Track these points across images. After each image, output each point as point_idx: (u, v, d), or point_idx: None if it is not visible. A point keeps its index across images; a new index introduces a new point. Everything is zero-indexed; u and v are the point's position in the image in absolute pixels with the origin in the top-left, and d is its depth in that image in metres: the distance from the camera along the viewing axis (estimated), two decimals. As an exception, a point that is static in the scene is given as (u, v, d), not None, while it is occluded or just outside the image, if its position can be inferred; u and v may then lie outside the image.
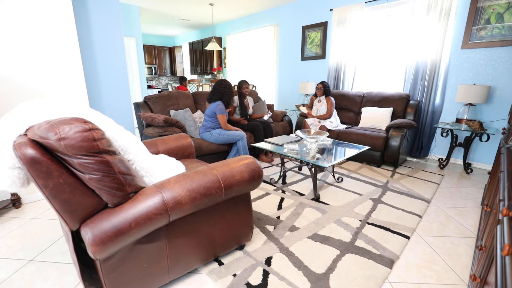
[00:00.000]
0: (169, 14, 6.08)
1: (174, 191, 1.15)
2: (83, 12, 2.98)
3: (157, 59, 8.62)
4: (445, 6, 3.21)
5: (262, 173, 1.47)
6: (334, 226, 1.95)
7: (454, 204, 2.33)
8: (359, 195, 2.48)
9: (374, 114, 3.67)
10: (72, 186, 0.98)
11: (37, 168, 0.91)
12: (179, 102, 3.39)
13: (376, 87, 4.24)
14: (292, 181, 2.83)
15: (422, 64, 3.52)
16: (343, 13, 4.21)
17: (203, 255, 1.44)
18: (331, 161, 2.32)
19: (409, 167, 3.34)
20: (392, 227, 1.94)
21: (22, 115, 1.03)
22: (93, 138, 0.94)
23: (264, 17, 5.79)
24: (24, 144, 0.91)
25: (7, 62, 2.16)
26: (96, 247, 0.99)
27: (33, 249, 1.72)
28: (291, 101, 5.52)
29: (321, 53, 4.78)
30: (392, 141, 3.14)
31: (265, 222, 2.01)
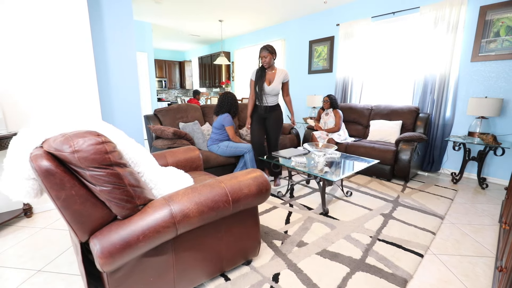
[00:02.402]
0: (179, 30, 6.29)
1: (182, 204, 1.15)
2: (99, 28, 3.11)
3: (167, 73, 8.85)
4: (452, 20, 3.22)
5: (270, 187, 1.46)
6: (344, 242, 1.90)
7: (469, 221, 2.24)
8: (369, 210, 2.42)
9: (383, 127, 3.64)
10: (83, 197, 0.99)
11: (51, 180, 0.93)
12: (188, 115, 3.45)
13: (384, 100, 4.23)
14: (300, 194, 2.80)
15: (431, 77, 3.50)
16: (350, 28, 4.27)
17: (209, 270, 1.42)
18: (340, 174, 2.29)
19: (421, 181, 3.26)
20: (405, 244, 1.87)
21: (39, 127, 1.07)
22: (105, 151, 0.97)
23: (271, 32, 5.92)
24: (40, 156, 0.94)
25: (26, 76, 2.26)
26: (104, 259, 0.99)
27: (42, 259, 1.73)
28: (299, 114, 5.54)
29: (328, 66, 4.83)
30: (402, 154, 3.08)
31: (273, 236, 1.97)
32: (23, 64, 2.24)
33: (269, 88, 2.84)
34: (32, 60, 2.28)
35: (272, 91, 2.86)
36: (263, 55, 2.77)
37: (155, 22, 5.61)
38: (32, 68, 2.28)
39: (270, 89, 2.84)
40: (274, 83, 2.84)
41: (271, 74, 2.87)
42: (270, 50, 2.77)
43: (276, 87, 2.85)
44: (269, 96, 2.88)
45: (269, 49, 2.77)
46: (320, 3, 4.40)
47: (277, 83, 2.84)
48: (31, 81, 2.29)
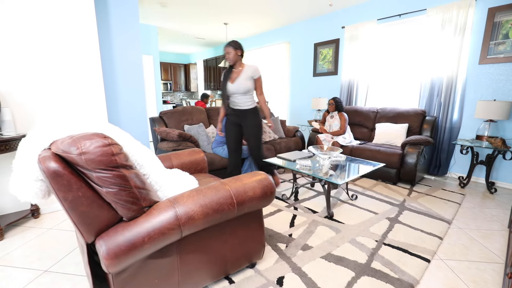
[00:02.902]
0: (185, 33, 6.35)
1: (187, 206, 1.16)
2: (106, 31, 3.16)
3: (172, 75, 8.93)
4: (460, 22, 3.19)
5: (275, 189, 1.45)
6: (349, 246, 1.88)
7: (478, 226, 2.20)
8: (375, 214, 2.40)
9: (389, 130, 3.61)
10: (90, 199, 1.00)
11: (59, 181, 0.94)
12: (193, 117, 3.47)
13: (390, 103, 4.19)
14: (305, 197, 2.78)
15: (437, 80, 3.46)
16: (355, 30, 4.25)
17: (213, 272, 1.41)
18: (345, 178, 2.28)
19: (427, 185, 3.21)
20: (411, 249, 1.85)
21: (47, 129, 1.08)
22: (111, 153, 0.98)
23: (276, 35, 5.94)
24: (48, 158, 0.95)
25: (34, 78, 2.31)
26: (110, 260, 1.00)
27: (49, 260, 1.75)
28: (303, 116, 5.53)
29: (333, 69, 4.81)
30: (409, 158, 3.05)
31: (277, 239, 1.96)
32: (31, 67, 2.29)
33: (232, 86, 2.53)
34: (40, 63, 2.32)
35: (237, 90, 2.52)
36: (227, 51, 2.50)
37: (161, 25, 5.67)
38: (40, 71, 2.33)
39: (234, 88, 2.53)
40: (238, 81, 2.51)
41: (236, 71, 2.56)
42: (234, 45, 2.49)
43: (242, 85, 2.50)
44: (237, 97, 2.57)
45: (232, 45, 2.49)
46: (326, 6, 4.40)
47: (243, 80, 2.49)
48: (39, 83, 2.33)
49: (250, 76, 2.51)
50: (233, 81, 2.54)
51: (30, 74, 2.28)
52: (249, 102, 2.59)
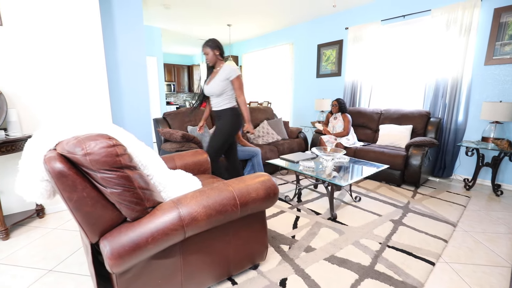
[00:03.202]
0: (188, 34, 6.38)
1: (190, 207, 1.16)
2: (110, 33, 3.19)
3: (176, 76, 8.97)
4: (465, 22, 3.16)
5: (278, 191, 1.45)
6: (352, 248, 1.87)
7: (483, 229, 2.17)
8: (378, 216, 2.38)
9: (393, 132, 3.58)
10: (94, 199, 1.01)
11: (64, 182, 0.95)
12: (196, 118, 3.48)
13: (394, 104, 4.17)
14: (308, 199, 2.77)
15: (442, 81, 3.44)
16: (359, 31, 4.24)
17: (216, 273, 1.41)
18: (348, 179, 2.27)
19: (432, 187, 3.18)
20: (415, 252, 1.83)
21: (53, 130, 1.10)
22: (116, 153, 0.98)
23: (280, 36, 5.94)
24: (53, 158, 0.96)
25: (40, 80, 2.34)
26: (113, 260, 1.01)
27: (53, 259, 1.77)
28: (307, 118, 5.52)
29: (337, 70, 4.80)
30: (413, 159, 3.02)
31: (280, 241, 1.96)
32: (37, 69, 2.32)
33: (206, 88, 2.46)
34: (46, 65, 2.35)
35: (211, 92, 2.43)
36: (204, 52, 2.39)
37: (164, 27, 5.71)
38: (46, 72, 2.36)
39: (207, 90, 2.46)
40: (212, 82, 2.41)
41: (215, 72, 2.46)
42: (211, 45, 2.37)
43: (216, 86, 2.38)
44: (212, 99, 2.49)
45: (209, 44, 2.37)
46: (329, 7, 4.40)
47: (217, 82, 2.37)
48: (44, 85, 2.36)
49: (225, 78, 2.36)
50: (208, 83, 2.46)
51: (36, 75, 2.31)
52: (223, 103, 2.44)
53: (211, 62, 2.43)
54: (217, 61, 2.44)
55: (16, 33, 2.19)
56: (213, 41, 2.40)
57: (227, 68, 2.37)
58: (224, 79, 2.37)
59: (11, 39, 2.18)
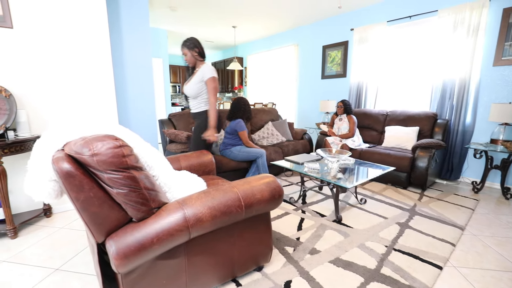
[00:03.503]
0: (194, 36, 6.42)
1: (195, 208, 1.16)
2: (117, 35, 3.23)
3: (181, 78, 9.03)
4: (473, 23, 3.12)
5: (283, 192, 1.45)
6: (358, 251, 1.85)
7: (492, 233, 2.13)
8: (384, 219, 2.35)
9: (399, 133, 3.55)
10: (101, 200, 1.02)
11: (71, 182, 0.96)
12: (202, 119, 3.49)
13: (400, 105, 4.13)
14: (313, 201, 2.76)
15: (450, 82, 3.39)
16: (364, 33, 4.22)
17: (221, 275, 1.41)
18: (354, 181, 2.25)
19: (439, 190, 3.14)
20: (422, 255, 1.80)
21: (61, 131, 1.11)
22: (122, 154, 0.99)
23: (284, 37, 5.94)
24: (61, 159, 0.97)
25: (48, 81, 2.37)
26: (119, 260, 1.01)
27: (60, 259, 1.79)
28: (311, 119, 5.50)
29: (342, 71, 4.78)
30: (419, 161, 2.99)
31: (285, 243, 1.95)
32: (45, 71, 2.36)
33: (185, 89, 2.43)
34: (54, 66, 2.39)
35: (188, 94, 2.41)
36: (183, 53, 2.33)
37: (170, 29, 5.76)
38: (54, 74, 2.39)
39: (186, 91, 2.43)
40: (189, 84, 2.37)
41: (194, 73, 2.41)
42: (189, 45, 2.30)
43: (192, 88, 2.34)
44: (190, 100, 2.46)
45: (187, 44, 2.30)
46: (334, 8, 4.38)
47: (194, 83, 2.33)
48: (52, 86, 2.40)
49: (201, 79, 2.31)
50: (186, 84, 2.42)
51: (44, 77, 2.35)
52: (200, 105, 2.41)
53: (190, 63, 2.36)
54: (196, 62, 2.37)
55: (25, 36, 2.23)
56: (191, 40, 2.31)
57: (203, 69, 2.31)
58: (200, 80, 2.31)
59: (21, 42, 2.22)
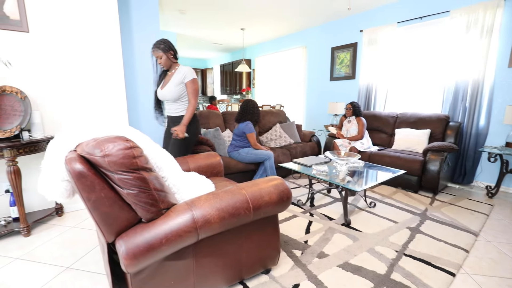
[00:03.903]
0: (202, 39, 6.50)
1: (203, 210, 1.16)
2: (128, 38, 3.29)
3: (190, 80, 9.12)
4: (486, 24, 3.05)
5: (291, 195, 1.44)
6: (367, 256, 1.82)
7: (508, 239, 2.06)
8: (394, 223, 2.31)
9: (409, 136, 3.48)
10: (111, 200, 1.04)
11: (83, 182, 0.98)
12: (210, 121, 3.51)
13: (410, 107, 4.06)
14: (321, 203, 2.73)
15: (462, 84, 3.32)
16: (374, 34, 4.17)
17: (228, 277, 1.41)
18: (363, 184, 2.22)
19: (451, 194, 3.06)
20: (434, 261, 1.76)
21: (73, 132, 1.14)
22: (133, 155, 1.01)
23: (293, 39, 5.94)
24: (74, 159, 0.99)
25: (61, 84, 2.44)
26: (129, 260, 1.02)
27: (71, 257, 1.82)
28: (320, 121, 5.46)
29: (351, 73, 4.73)
30: (431, 165, 2.92)
31: (292, 246, 1.93)
32: (58, 73, 2.42)
33: (160, 93, 2.32)
34: (67, 69, 2.45)
35: (166, 97, 2.30)
36: (157, 56, 2.21)
37: (180, 32, 5.83)
38: (67, 76, 2.45)
39: (162, 95, 2.32)
40: (167, 87, 2.26)
41: (169, 75, 2.30)
42: (164, 47, 2.19)
43: (170, 91, 2.24)
44: (168, 104, 2.36)
45: (161, 47, 2.18)
46: (343, 10, 4.36)
47: (172, 86, 2.23)
48: (65, 88, 2.46)
49: (180, 81, 2.23)
50: (162, 87, 2.30)
51: (58, 79, 2.41)
52: (182, 108, 2.32)
53: (166, 66, 2.27)
54: (172, 64, 2.30)
55: (40, 39, 2.30)
56: (165, 42, 2.20)
57: (182, 70, 2.24)
58: (180, 82, 2.24)
59: (36, 45, 2.29)
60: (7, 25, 2.15)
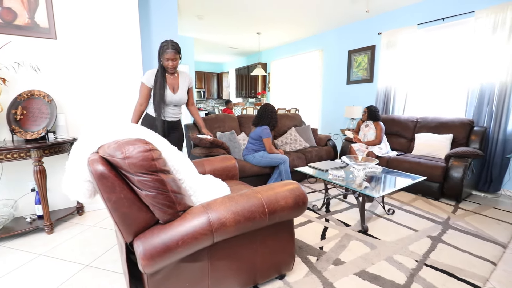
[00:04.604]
0: (219, 43, 6.60)
1: (219, 213, 1.17)
2: (148, 44, 3.39)
3: (206, 84, 9.29)
4: (515, 24, 2.90)
5: (307, 200, 1.42)
6: (385, 264, 1.75)
7: (540, 253, 1.93)
8: (414, 231, 2.22)
9: (430, 141, 3.35)
10: (130, 201, 1.06)
11: (104, 183, 1.01)
12: (225, 124, 3.55)
13: (431, 111, 3.91)
14: (337, 209, 2.67)
15: (488, 87, 3.16)
16: (393, 36, 4.07)
17: (242, 281, 1.40)
18: (381, 190, 2.15)
19: (476, 202, 2.91)
20: (457, 273, 1.67)
21: (96, 134, 1.18)
22: (152, 158, 1.03)
23: (309, 42, 5.90)
24: (96, 161, 1.03)
25: (84, 88, 2.54)
26: (146, 261, 1.04)
27: (90, 255, 1.88)
28: (336, 125, 5.38)
29: (369, 76, 4.64)
30: (454, 171, 2.79)
31: (307, 252, 1.90)
32: (82, 78, 2.53)
33: (176, 97, 2.24)
34: (89, 73, 2.55)
35: (179, 102, 2.29)
36: (171, 57, 2.09)
37: (197, 37, 5.96)
38: (89, 81, 2.56)
39: (177, 99, 2.26)
40: (180, 91, 2.25)
41: (173, 79, 2.24)
42: (179, 50, 2.14)
43: (184, 96, 2.29)
44: (172, 108, 2.30)
45: (178, 49, 2.13)
46: (361, 13, 4.29)
47: (184, 91, 2.28)
48: (87, 92, 2.56)
49: (187, 86, 2.31)
50: (175, 91, 2.25)
51: (81, 83, 2.52)
52: (179, 113, 2.40)
53: (174, 70, 2.19)
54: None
55: (66, 46, 2.42)
56: (177, 44, 2.14)
57: (187, 75, 2.30)
58: (186, 87, 2.32)
59: (62, 51, 2.41)
60: (38, 32, 2.28)
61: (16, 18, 2.20)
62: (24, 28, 2.23)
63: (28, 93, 2.19)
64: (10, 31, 2.19)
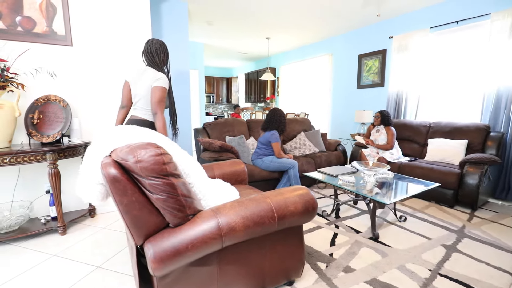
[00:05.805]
0: (228, 48, 6.67)
1: (229, 217, 1.17)
2: (160, 50, 3.46)
3: (215, 88, 9.38)
4: (533, 27, 2.81)
5: (317, 205, 1.40)
6: (397, 273, 1.71)
7: (563, 265, 1.83)
8: (428, 239, 2.15)
9: (444, 147, 3.27)
10: (141, 204, 1.08)
11: (116, 186, 1.03)
12: (234, 129, 3.57)
13: (445, 116, 3.82)
14: (347, 215, 2.63)
15: (505, 91, 3.07)
16: (404, 40, 4.02)
17: (251, 286, 1.39)
18: (392, 197, 2.10)
19: (493, 210, 2.80)
20: (474, 284, 1.60)
21: (109, 138, 1.21)
22: (163, 162, 1.04)
23: (318, 47, 5.90)
24: (109, 164, 1.05)
25: (96, 94, 2.61)
26: (156, 264, 1.05)
27: (101, 256, 1.91)
28: (346, 130, 5.32)
29: (379, 81, 4.58)
30: (469, 178, 2.71)
31: (317, 258, 1.87)
32: (95, 83, 2.60)
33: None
34: (102, 79, 2.62)
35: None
36: None
37: (207, 42, 6.05)
38: (101, 85, 2.63)
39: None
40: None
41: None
42: None
43: None
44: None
45: None
46: (372, 17, 4.26)
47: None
48: (100, 97, 2.63)
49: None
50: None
51: (93, 88, 2.59)
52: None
53: None
54: None
55: (81, 52, 2.50)
56: None
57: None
58: None
59: (77, 57, 2.49)
60: (55, 40, 2.37)
61: (35, 26, 2.29)
62: (42, 36, 2.32)
63: (45, 98, 2.27)
64: (29, 38, 2.28)
